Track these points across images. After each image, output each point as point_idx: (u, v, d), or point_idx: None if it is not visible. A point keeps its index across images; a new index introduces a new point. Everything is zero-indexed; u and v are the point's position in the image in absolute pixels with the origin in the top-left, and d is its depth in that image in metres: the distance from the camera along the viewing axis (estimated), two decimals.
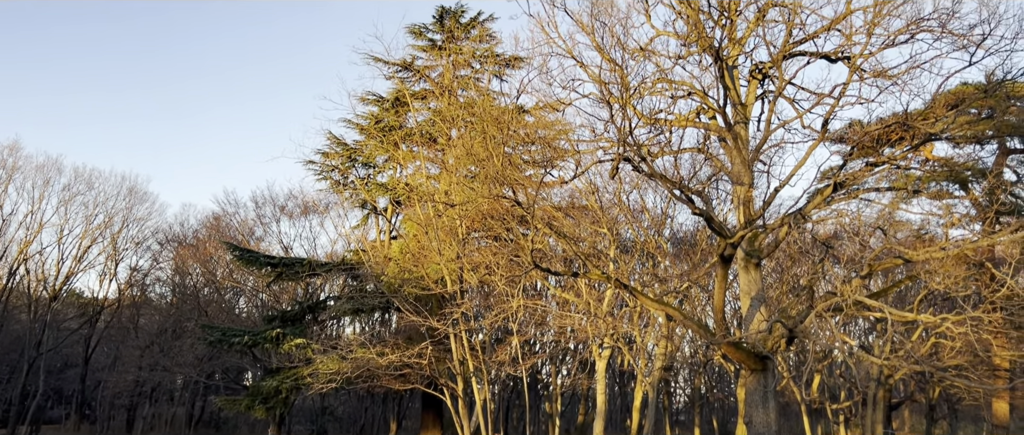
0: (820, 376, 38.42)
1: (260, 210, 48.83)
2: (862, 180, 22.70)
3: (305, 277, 34.10)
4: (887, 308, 19.30)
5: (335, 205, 41.05)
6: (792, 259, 31.51)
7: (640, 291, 23.68)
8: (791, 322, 20.28)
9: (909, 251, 21.00)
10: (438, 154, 32.60)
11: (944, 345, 21.39)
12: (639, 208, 32.13)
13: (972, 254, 21.96)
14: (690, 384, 47.49)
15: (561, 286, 31.74)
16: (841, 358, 40.88)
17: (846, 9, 18.04)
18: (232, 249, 34.62)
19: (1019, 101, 23.94)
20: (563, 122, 27.15)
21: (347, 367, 26.76)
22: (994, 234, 20.52)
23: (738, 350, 20.61)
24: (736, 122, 22.28)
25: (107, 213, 43.92)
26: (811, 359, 36.26)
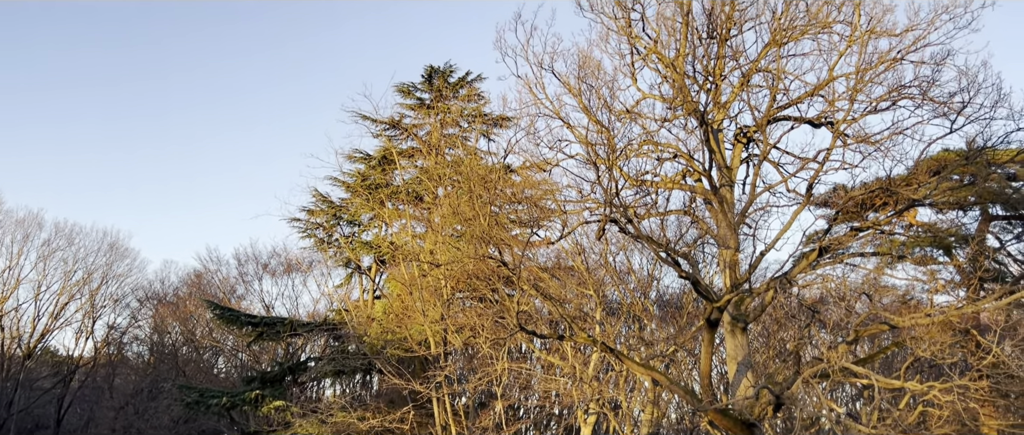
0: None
1: (242, 268, 48.33)
2: (847, 245, 22.74)
3: (286, 337, 33.54)
4: (874, 375, 19.11)
5: (318, 263, 40.74)
6: (779, 324, 31.34)
7: (626, 355, 23.40)
8: (778, 388, 20.03)
9: (895, 317, 20.91)
10: (424, 213, 32.52)
11: (932, 413, 21.13)
12: (625, 269, 32.02)
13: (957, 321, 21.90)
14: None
15: (547, 349, 31.37)
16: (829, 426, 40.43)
17: (828, 76, 18.32)
18: (213, 307, 34.09)
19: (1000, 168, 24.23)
20: (550, 182, 27.17)
21: (327, 431, 26.14)
22: (979, 301, 20.53)
23: (725, 417, 20.30)
24: (721, 185, 22.38)
25: (87, 269, 43.38)
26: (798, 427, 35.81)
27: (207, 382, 38.40)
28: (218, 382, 40.00)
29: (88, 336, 43.33)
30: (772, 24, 18.58)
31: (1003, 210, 26.49)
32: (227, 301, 40.39)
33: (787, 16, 18.32)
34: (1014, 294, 19.41)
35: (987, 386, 21.16)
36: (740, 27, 19.08)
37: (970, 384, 19.35)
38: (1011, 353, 25.90)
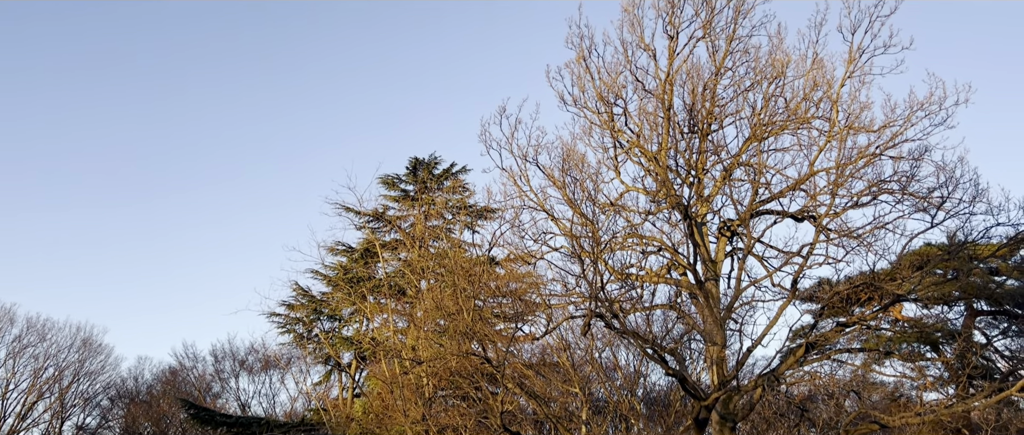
0: None
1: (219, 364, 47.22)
2: (834, 340, 22.53)
3: None
4: None
5: (297, 360, 39.87)
6: (767, 422, 30.72)
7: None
8: None
9: (885, 416, 20.53)
10: (406, 307, 32.08)
11: None
12: (612, 366, 31.49)
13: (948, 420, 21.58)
14: None
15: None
16: None
17: (809, 170, 18.52)
18: (187, 407, 33.12)
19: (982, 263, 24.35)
20: (534, 275, 26.99)
21: None
22: (968, 399, 20.26)
23: None
24: (706, 279, 22.28)
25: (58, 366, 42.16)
26: None
27: None
28: None
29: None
30: (752, 119, 18.91)
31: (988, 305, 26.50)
32: (202, 400, 39.30)
33: (767, 112, 18.67)
34: (1003, 392, 19.18)
35: None
36: (721, 122, 19.39)
37: None
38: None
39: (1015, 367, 25.98)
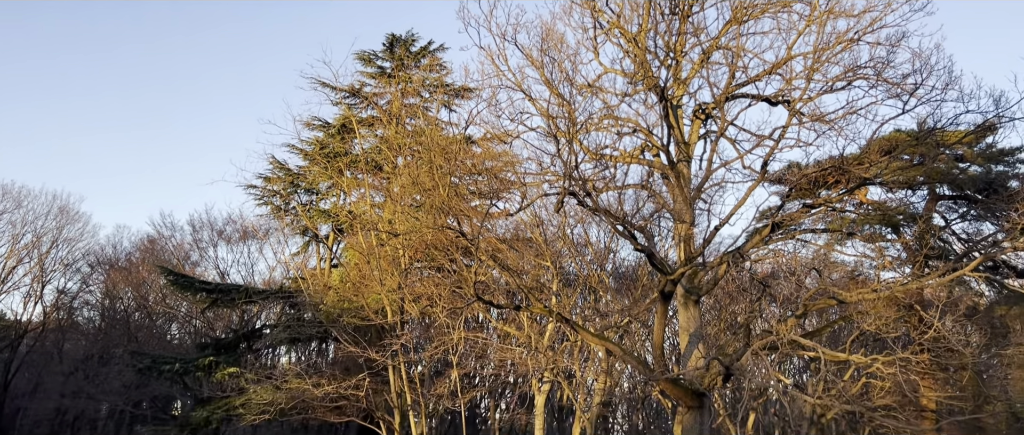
0: (755, 414, 38.93)
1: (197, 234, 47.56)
2: (799, 221, 23.28)
3: (241, 304, 33.22)
4: (821, 348, 19.71)
5: (275, 231, 40.26)
6: (730, 297, 31.98)
7: (581, 326, 23.71)
8: (728, 360, 20.52)
9: (843, 292, 21.50)
10: (383, 182, 32.33)
11: (874, 385, 21.91)
12: (583, 242, 32.30)
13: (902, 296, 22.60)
14: (628, 420, 47.60)
15: (503, 319, 31.59)
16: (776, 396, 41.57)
17: (787, 54, 18.60)
18: (166, 273, 33.59)
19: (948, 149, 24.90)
20: (510, 154, 27.21)
21: (281, 398, 26.08)
22: (923, 277, 21.17)
23: (676, 387, 20.76)
24: (679, 160, 22.67)
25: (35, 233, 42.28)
26: (747, 397, 36.74)
27: (160, 348, 37.97)
28: (171, 348, 39.56)
29: (37, 301, 42.36)
30: (733, 1, 18.77)
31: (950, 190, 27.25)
32: (181, 267, 39.79)
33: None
34: (957, 271, 20.11)
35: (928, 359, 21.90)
36: (702, 3, 19.24)
37: (912, 357, 20.07)
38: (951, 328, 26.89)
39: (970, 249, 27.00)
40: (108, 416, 42.06)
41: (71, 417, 40.09)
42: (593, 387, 34.45)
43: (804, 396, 22.00)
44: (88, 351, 41.20)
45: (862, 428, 27.76)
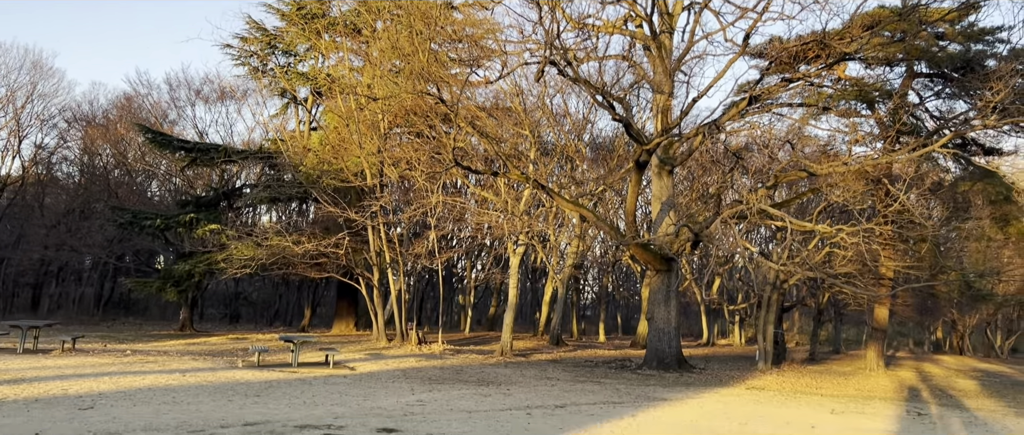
0: (720, 279, 40.50)
1: (174, 93, 46.86)
2: (776, 95, 23.54)
3: (220, 163, 33.30)
4: (788, 217, 20.50)
5: (253, 92, 39.82)
6: (703, 169, 32.62)
7: (557, 192, 24.31)
8: (698, 227, 21.32)
9: (814, 165, 22.11)
10: (362, 46, 31.90)
11: (837, 254, 22.84)
12: (562, 112, 32.49)
13: (872, 170, 23.23)
14: (598, 283, 49.30)
15: (481, 184, 32.13)
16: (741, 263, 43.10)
17: None
18: (144, 131, 33.44)
19: (930, 26, 24.88)
20: (491, 21, 26.92)
21: (262, 254, 26.75)
22: (894, 152, 21.71)
23: (645, 251, 21.64)
24: (661, 31, 22.65)
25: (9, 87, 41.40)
26: (713, 263, 38.06)
27: (140, 205, 38.19)
28: (152, 205, 39.81)
29: (15, 155, 42.05)
30: None
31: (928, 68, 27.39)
32: (159, 126, 39.46)
33: None
34: (927, 147, 20.67)
35: (891, 231, 22.75)
36: None
37: (876, 228, 20.92)
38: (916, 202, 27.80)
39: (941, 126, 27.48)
40: (92, 268, 42.76)
41: (55, 267, 40.77)
42: (566, 251, 35.53)
43: (769, 263, 22.96)
44: (69, 205, 41.38)
45: (821, 294, 29.09)
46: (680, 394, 15.25)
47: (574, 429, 10.08)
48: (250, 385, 13.44)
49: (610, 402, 13.20)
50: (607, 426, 10.47)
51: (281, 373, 15.76)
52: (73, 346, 19.77)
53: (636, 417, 11.53)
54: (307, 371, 16.47)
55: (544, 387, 15.35)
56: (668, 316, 21.79)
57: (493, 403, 12.38)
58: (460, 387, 14.65)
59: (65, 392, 11.49)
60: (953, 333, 46.16)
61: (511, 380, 16.57)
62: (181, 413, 9.95)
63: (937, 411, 14.61)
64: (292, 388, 13.26)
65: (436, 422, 10.11)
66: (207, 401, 11.17)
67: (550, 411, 11.70)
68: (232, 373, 15.34)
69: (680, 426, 10.85)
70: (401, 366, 18.77)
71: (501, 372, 18.47)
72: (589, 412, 11.81)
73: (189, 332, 30.59)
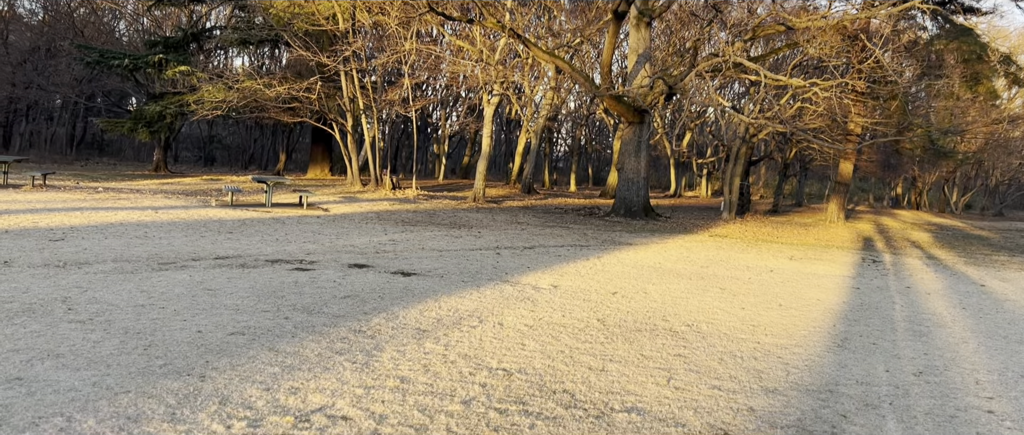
0: (691, 133, 40.92)
1: None
2: None
3: (188, 3, 32.24)
4: (763, 71, 20.55)
5: None
6: (681, 22, 32.21)
7: (534, 43, 24.00)
8: (672, 80, 21.33)
9: (792, 19, 21.94)
10: None
11: (808, 109, 23.11)
12: None
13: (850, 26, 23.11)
14: (571, 136, 49.59)
15: (456, 33, 31.52)
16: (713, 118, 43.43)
17: None
18: None
19: None
20: None
21: (234, 97, 26.45)
22: (876, 8, 21.56)
23: (619, 103, 21.72)
24: None
25: None
26: (685, 117, 38.33)
27: (108, 45, 37.14)
28: (120, 46, 38.73)
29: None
30: None
31: None
32: None
33: None
34: (907, 3, 20.54)
35: (864, 86, 22.95)
36: None
37: (850, 82, 21.09)
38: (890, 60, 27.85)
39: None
40: (63, 108, 42.07)
41: (24, 106, 40.00)
42: (540, 103, 35.46)
43: (741, 116, 23.19)
44: (34, 43, 40.09)
45: (789, 149, 29.60)
46: (645, 240, 15.80)
47: (541, 268, 10.53)
48: (223, 222, 13.70)
49: (577, 246, 13.69)
50: (573, 266, 10.94)
51: (254, 213, 16.03)
52: (44, 182, 19.82)
53: (602, 258, 12.03)
54: (280, 211, 16.76)
55: (514, 230, 15.81)
56: (638, 167, 22.17)
57: (464, 244, 12.79)
58: (432, 229, 15.05)
59: (35, 225, 11.65)
60: (912, 189, 47.50)
61: (482, 224, 17.01)
62: (152, 247, 10.20)
63: (891, 259, 15.33)
64: (265, 226, 13.55)
65: (407, 259, 10.49)
66: (179, 236, 11.43)
67: (519, 252, 12.14)
68: (205, 212, 15.58)
69: (643, 267, 11.35)
70: (375, 209, 19.12)
71: (473, 216, 18.91)
72: (556, 253, 12.28)
73: (163, 173, 30.63)
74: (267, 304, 6.90)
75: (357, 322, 6.42)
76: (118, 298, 6.78)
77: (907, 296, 10.28)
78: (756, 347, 6.53)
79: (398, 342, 5.85)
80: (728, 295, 9.29)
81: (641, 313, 7.72)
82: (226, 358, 5.08)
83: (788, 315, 8.18)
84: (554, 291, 8.65)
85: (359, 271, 9.16)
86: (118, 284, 7.44)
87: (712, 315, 7.90)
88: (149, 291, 7.17)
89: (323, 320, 6.40)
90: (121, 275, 7.95)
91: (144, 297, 6.88)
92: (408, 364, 5.25)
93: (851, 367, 6.03)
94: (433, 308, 7.25)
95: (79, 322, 5.80)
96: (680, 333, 6.89)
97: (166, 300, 6.81)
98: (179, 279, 7.91)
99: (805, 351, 6.51)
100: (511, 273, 9.82)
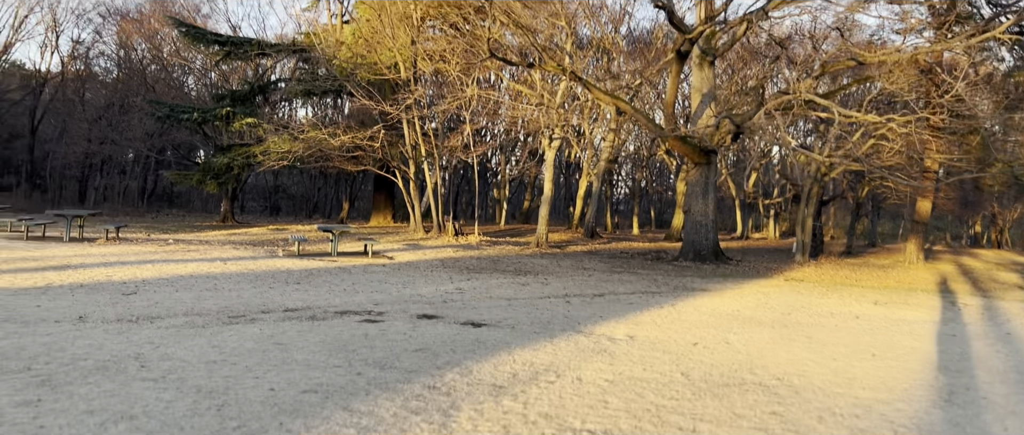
0: (756, 173, 40.07)
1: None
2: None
3: (255, 57, 33.14)
4: (835, 107, 19.93)
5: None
6: (743, 61, 31.77)
7: (594, 85, 23.84)
8: (739, 118, 20.86)
9: (864, 53, 21.33)
10: None
11: (883, 146, 22.31)
12: (598, 3, 31.57)
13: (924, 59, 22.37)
14: (632, 178, 49.10)
15: (515, 79, 31.64)
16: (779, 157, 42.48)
17: None
18: (178, 25, 33.26)
19: None
20: None
21: (299, 147, 26.88)
22: (951, 39, 20.83)
23: (685, 144, 21.31)
24: None
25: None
26: (755, 157, 37.59)
27: (177, 99, 38.39)
28: (188, 99, 39.99)
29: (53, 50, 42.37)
30: None
31: None
32: (192, 20, 39.18)
33: None
34: (987, 33, 19.76)
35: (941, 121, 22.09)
36: None
37: (929, 116, 20.30)
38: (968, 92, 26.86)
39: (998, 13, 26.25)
40: (135, 161, 43.52)
41: (98, 160, 41.50)
42: (601, 145, 35.21)
43: (813, 155, 22.53)
44: (108, 100, 41.69)
45: (862, 187, 28.65)
46: (718, 285, 15.27)
47: (614, 317, 10.16)
48: (290, 273, 13.70)
49: (648, 292, 13.27)
50: (647, 314, 10.54)
51: (321, 262, 16.03)
52: (117, 235, 20.27)
53: (676, 306, 11.58)
54: (346, 260, 16.74)
55: (581, 277, 15.45)
56: (705, 209, 21.64)
57: (531, 291, 12.50)
58: (498, 276, 14.80)
59: (109, 278, 11.79)
60: (992, 227, 45.49)
61: (548, 270, 16.71)
62: (222, 299, 10.17)
63: (982, 302, 14.49)
64: (332, 276, 13.49)
65: (475, 308, 10.24)
66: (248, 288, 11.41)
67: (589, 300, 11.79)
68: (273, 262, 15.64)
69: (721, 315, 10.88)
70: (439, 256, 18.99)
71: (537, 262, 18.63)
72: (628, 301, 11.89)
73: (230, 223, 31.20)
74: (339, 359, 6.71)
75: (431, 378, 6.17)
76: (190, 354, 6.67)
77: (1009, 343, 9.59)
78: (855, 403, 6.06)
79: (475, 400, 5.57)
80: (816, 344, 8.77)
81: (726, 366, 7.30)
82: (300, 419, 4.87)
83: (884, 366, 7.65)
84: (631, 342, 8.28)
85: (428, 322, 8.94)
86: (189, 339, 7.35)
87: (802, 367, 7.42)
88: (220, 346, 7.06)
89: (396, 376, 6.16)
90: (192, 329, 7.88)
91: (215, 352, 6.76)
92: (487, 425, 4.96)
93: (964, 426, 5.53)
94: (507, 362, 6.96)
95: (152, 380, 5.67)
96: (771, 388, 6.46)
97: (237, 356, 6.67)
98: (250, 333, 7.79)
99: (908, 407, 6.02)
100: (584, 323, 9.48)
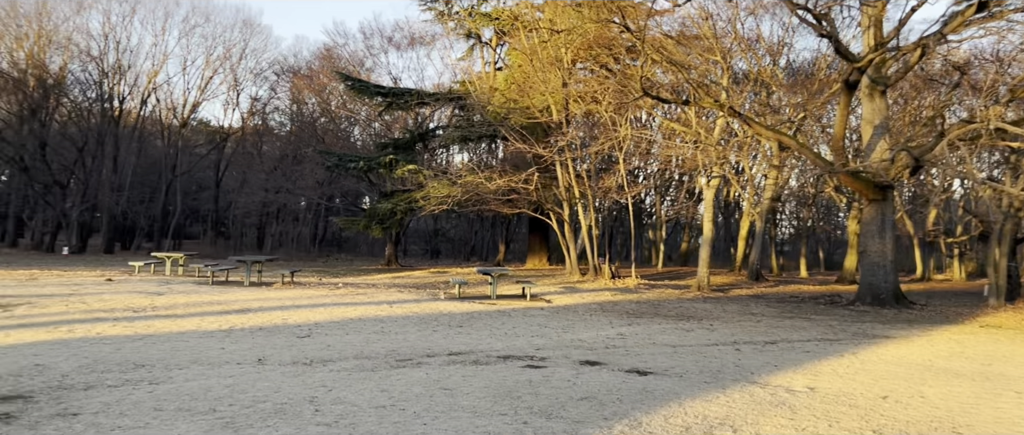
0: (936, 210, 37.08)
1: (368, 41, 49.09)
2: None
3: (414, 107, 34.59)
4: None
5: (441, 36, 40.87)
6: (916, 90, 29.67)
7: (753, 119, 22.97)
8: (918, 151, 19.39)
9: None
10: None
11: None
12: (754, 37, 30.61)
13: None
14: (797, 217, 46.79)
15: (669, 117, 31.09)
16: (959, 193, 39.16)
17: None
18: (344, 79, 35.27)
19: None
20: None
21: (457, 191, 27.54)
22: None
23: (857, 180, 20.01)
24: None
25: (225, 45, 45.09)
26: (939, 191, 34.89)
27: (344, 149, 40.58)
28: (354, 149, 42.20)
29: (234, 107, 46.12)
30: None
31: None
32: (357, 73, 41.48)
33: None
34: None
35: None
36: None
37: None
38: None
39: None
40: (307, 208, 46.32)
41: (275, 208, 44.49)
42: (762, 184, 33.84)
43: (1007, 188, 20.58)
44: (283, 152, 44.81)
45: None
46: (903, 332, 14.06)
47: (790, 366, 9.49)
48: (452, 316, 13.85)
49: (825, 339, 12.38)
50: (827, 364, 9.78)
51: (481, 305, 16.15)
52: (292, 279, 21.41)
53: (858, 354, 10.71)
54: (505, 303, 16.79)
55: (749, 322, 14.69)
56: (883, 248, 20.16)
57: (697, 338, 11.97)
58: (660, 321, 14.33)
59: (285, 321, 12.33)
60: None
61: (712, 315, 16.03)
62: (389, 342, 10.37)
63: None
64: (492, 319, 13.51)
65: (639, 355, 9.88)
66: (413, 331, 11.59)
67: (760, 347, 11.12)
68: (435, 305, 15.92)
69: (911, 366, 9.93)
70: (597, 299, 18.70)
71: (700, 307, 17.94)
72: (803, 349, 11.12)
73: (394, 266, 32.34)
74: (504, 406, 6.57)
75: (598, 429, 5.90)
76: (360, 398, 6.75)
77: None
78: None
79: None
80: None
81: (924, 423, 6.57)
82: None
83: None
84: (812, 394, 7.66)
85: (592, 368, 8.68)
86: (360, 383, 7.47)
87: (1015, 426, 6.57)
88: (389, 390, 7.11)
89: (563, 426, 5.94)
90: (362, 372, 8.02)
91: (385, 397, 6.81)
92: None
93: None
94: (678, 413, 6.58)
95: (325, 425, 5.75)
96: None
97: (405, 401, 6.69)
98: (416, 377, 7.83)
99: None
100: (757, 372, 8.90)
